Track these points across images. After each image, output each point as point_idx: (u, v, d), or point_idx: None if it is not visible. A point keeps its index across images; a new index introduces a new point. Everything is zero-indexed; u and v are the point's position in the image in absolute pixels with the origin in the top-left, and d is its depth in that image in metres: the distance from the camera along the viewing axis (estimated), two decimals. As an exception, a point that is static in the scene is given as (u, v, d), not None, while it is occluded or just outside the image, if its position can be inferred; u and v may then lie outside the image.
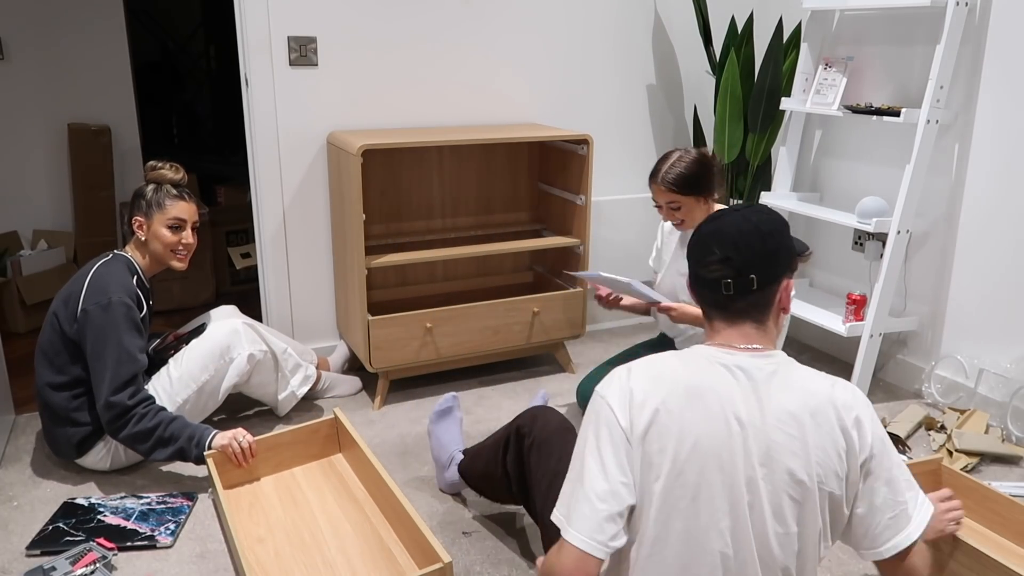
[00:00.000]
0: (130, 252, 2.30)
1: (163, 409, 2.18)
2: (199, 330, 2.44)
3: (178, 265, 2.33)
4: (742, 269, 1.32)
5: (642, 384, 1.29)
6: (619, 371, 1.34)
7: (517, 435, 1.84)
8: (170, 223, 2.27)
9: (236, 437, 2.15)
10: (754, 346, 1.33)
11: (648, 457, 1.25)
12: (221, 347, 2.35)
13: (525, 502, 1.85)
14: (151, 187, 2.28)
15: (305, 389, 2.61)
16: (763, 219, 1.36)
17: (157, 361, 2.37)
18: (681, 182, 2.24)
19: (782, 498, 1.24)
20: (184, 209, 2.29)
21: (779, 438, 1.25)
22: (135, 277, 2.25)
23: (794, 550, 1.27)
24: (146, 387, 2.22)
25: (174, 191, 2.29)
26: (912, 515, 1.32)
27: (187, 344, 2.39)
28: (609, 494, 1.24)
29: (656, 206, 2.35)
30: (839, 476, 1.27)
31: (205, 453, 2.13)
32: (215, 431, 2.17)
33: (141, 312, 2.23)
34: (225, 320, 2.46)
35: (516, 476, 1.84)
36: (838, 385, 1.31)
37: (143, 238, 2.28)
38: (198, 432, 2.16)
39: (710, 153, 2.34)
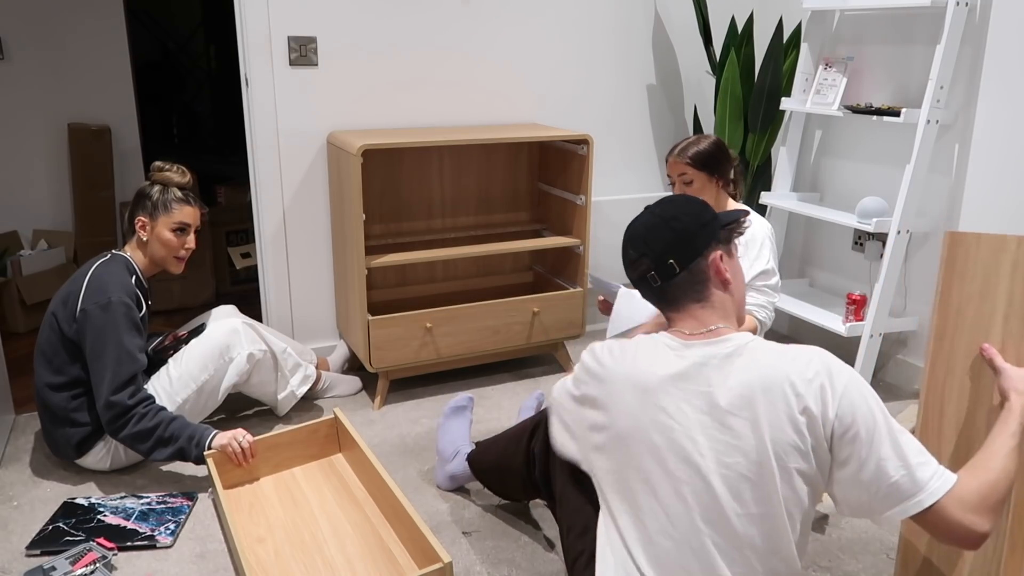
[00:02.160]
0: (129, 252, 2.31)
1: (163, 409, 2.18)
2: (198, 330, 2.44)
3: (176, 269, 2.34)
4: (658, 258, 1.45)
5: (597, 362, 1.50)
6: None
7: (548, 421, 1.84)
8: (175, 227, 2.28)
9: (236, 437, 2.15)
10: (707, 329, 1.42)
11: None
12: (221, 347, 2.35)
13: (544, 484, 1.86)
14: (157, 188, 2.28)
15: (305, 389, 2.61)
16: (665, 208, 1.49)
17: (156, 361, 2.37)
18: (696, 157, 2.30)
19: (739, 483, 1.30)
20: (190, 214, 2.30)
21: (732, 422, 1.31)
22: (134, 277, 2.25)
23: (761, 529, 1.31)
24: (145, 387, 2.22)
25: (180, 195, 2.29)
26: (922, 481, 1.25)
27: (186, 344, 2.39)
28: None
29: (670, 183, 2.37)
30: (801, 450, 1.29)
31: (205, 453, 2.13)
32: (215, 431, 2.17)
33: (140, 312, 2.23)
34: (225, 320, 2.46)
35: (542, 459, 1.85)
36: (803, 358, 1.33)
37: (145, 238, 2.28)
38: (198, 432, 2.16)
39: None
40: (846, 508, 1.33)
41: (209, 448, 2.14)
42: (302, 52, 2.75)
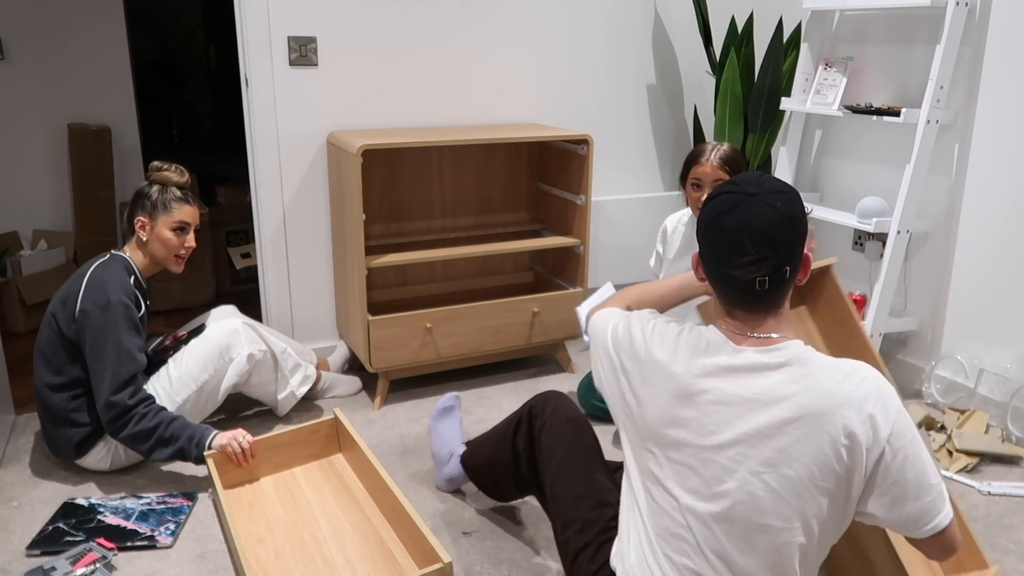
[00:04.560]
0: (128, 252, 2.31)
1: (163, 409, 2.18)
2: (198, 330, 2.44)
3: (176, 268, 2.34)
4: (779, 264, 1.27)
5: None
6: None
7: (529, 415, 1.85)
8: (175, 226, 2.28)
9: (236, 437, 2.15)
10: (763, 336, 1.31)
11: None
12: (221, 347, 2.35)
13: (532, 481, 1.85)
14: (156, 188, 2.29)
15: (305, 389, 2.61)
16: (786, 202, 1.28)
17: (156, 362, 2.37)
18: (732, 163, 2.29)
19: (764, 494, 1.26)
20: (189, 213, 2.31)
21: (772, 433, 1.26)
22: (132, 277, 2.25)
23: (775, 542, 1.28)
24: (145, 387, 2.22)
25: (179, 194, 2.29)
26: (940, 502, 1.29)
27: (186, 344, 2.39)
28: None
29: (695, 186, 2.32)
30: (837, 472, 1.25)
31: (205, 453, 2.13)
32: (215, 431, 2.17)
33: (139, 312, 2.23)
34: (225, 320, 2.46)
35: (526, 454, 1.84)
36: (855, 378, 1.26)
37: (145, 239, 2.28)
38: (198, 432, 2.16)
39: None
40: (877, 523, 1.32)
41: (209, 448, 2.14)
42: (302, 52, 2.75)
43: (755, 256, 1.25)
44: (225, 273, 3.89)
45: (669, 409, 1.33)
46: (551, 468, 1.73)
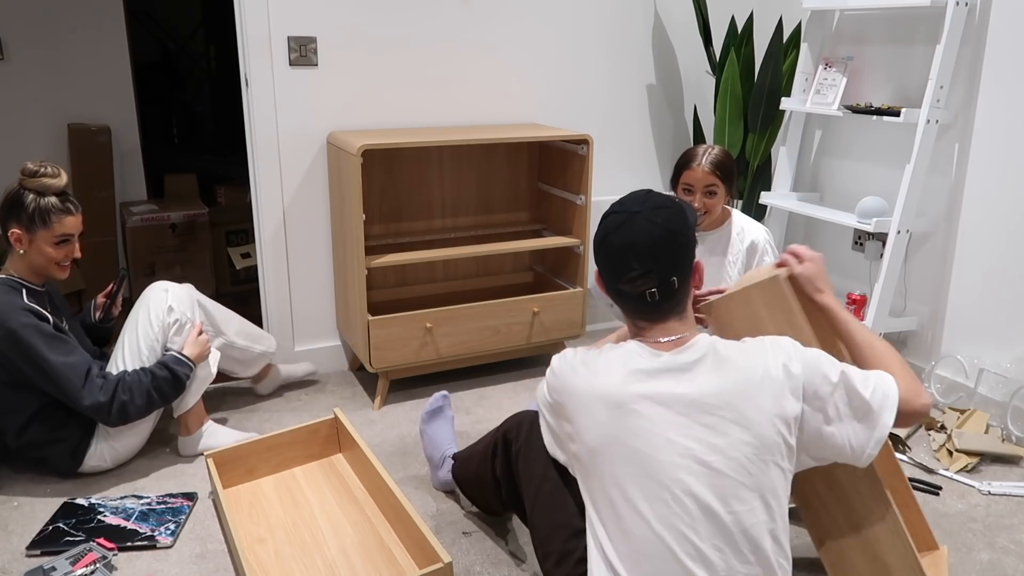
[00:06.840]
0: (11, 269, 2.13)
1: (132, 372, 2.16)
2: (121, 279, 2.44)
3: (61, 275, 2.17)
4: (665, 275, 1.36)
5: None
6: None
7: (504, 441, 1.81)
8: (57, 240, 2.10)
9: (195, 336, 2.25)
10: (675, 337, 1.40)
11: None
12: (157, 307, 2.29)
13: (516, 507, 1.84)
14: (31, 196, 2.06)
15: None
16: (668, 217, 1.38)
17: (103, 331, 2.36)
18: (723, 167, 2.28)
19: (719, 482, 1.31)
20: (72, 224, 2.11)
21: (712, 423, 1.32)
22: (24, 291, 2.10)
23: (741, 529, 1.31)
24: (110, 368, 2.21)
25: (58, 203, 2.08)
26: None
27: (119, 292, 2.37)
28: None
29: (686, 190, 2.32)
30: (788, 423, 1.35)
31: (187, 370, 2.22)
32: (176, 352, 2.23)
33: (49, 322, 2.09)
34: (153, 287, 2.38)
35: (506, 482, 1.83)
36: (760, 355, 1.38)
37: (22, 251, 2.10)
38: (171, 363, 2.20)
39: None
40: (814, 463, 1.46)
41: (188, 360, 2.23)
42: (302, 52, 2.75)
43: (640, 271, 1.36)
44: (225, 273, 3.89)
45: (610, 424, 1.36)
46: (528, 495, 1.69)
